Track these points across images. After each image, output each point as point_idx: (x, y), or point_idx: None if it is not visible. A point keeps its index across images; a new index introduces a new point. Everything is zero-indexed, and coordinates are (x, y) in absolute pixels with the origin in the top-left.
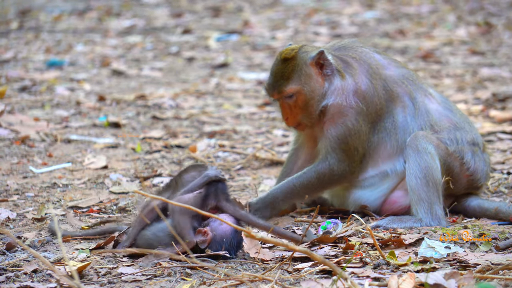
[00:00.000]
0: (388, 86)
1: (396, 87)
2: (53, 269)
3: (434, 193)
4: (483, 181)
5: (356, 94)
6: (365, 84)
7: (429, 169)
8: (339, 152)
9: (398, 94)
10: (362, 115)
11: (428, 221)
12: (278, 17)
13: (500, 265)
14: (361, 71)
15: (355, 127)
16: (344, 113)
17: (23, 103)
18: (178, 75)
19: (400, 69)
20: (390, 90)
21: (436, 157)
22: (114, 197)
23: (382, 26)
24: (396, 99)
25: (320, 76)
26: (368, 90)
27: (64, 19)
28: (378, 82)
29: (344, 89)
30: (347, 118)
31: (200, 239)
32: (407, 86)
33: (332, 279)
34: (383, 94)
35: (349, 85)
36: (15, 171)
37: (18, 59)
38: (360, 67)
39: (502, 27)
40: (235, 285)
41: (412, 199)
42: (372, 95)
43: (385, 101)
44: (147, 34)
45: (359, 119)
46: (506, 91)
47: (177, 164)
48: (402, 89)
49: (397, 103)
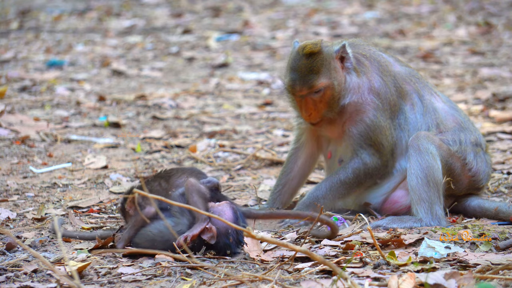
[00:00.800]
0: (398, 83)
1: (405, 84)
2: (53, 269)
3: (435, 193)
4: (484, 182)
5: (371, 91)
6: (378, 81)
7: (430, 169)
8: (367, 148)
9: (407, 92)
10: (379, 111)
11: (428, 221)
12: (278, 17)
13: (500, 265)
14: (373, 69)
15: (374, 123)
16: (362, 110)
17: (23, 103)
18: (178, 75)
19: (405, 67)
20: (399, 87)
21: (437, 157)
22: (114, 197)
23: (382, 26)
24: (405, 96)
25: (343, 70)
26: (381, 87)
27: (64, 19)
28: (388, 79)
29: (360, 87)
30: (364, 115)
31: (208, 236)
32: (415, 83)
33: (332, 279)
34: (394, 91)
35: (364, 82)
36: (15, 171)
37: (18, 59)
38: (371, 65)
39: (502, 27)
40: (235, 285)
41: (413, 199)
42: (385, 91)
43: (397, 97)
44: (147, 34)
45: (377, 115)
46: (506, 91)
47: (177, 164)
48: (410, 87)
49: (406, 100)
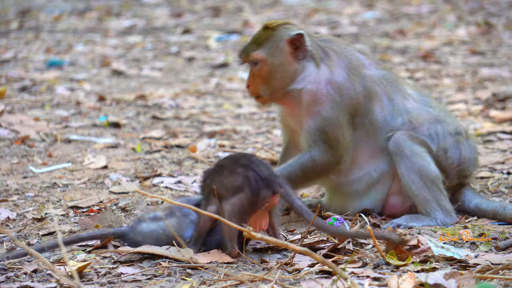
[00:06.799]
0: (366, 84)
1: (375, 86)
2: (53, 269)
3: (436, 190)
4: (471, 169)
5: (329, 84)
6: (341, 76)
7: (422, 169)
8: (321, 144)
9: (376, 93)
10: (337, 105)
11: (442, 217)
12: (278, 17)
13: (500, 265)
14: (339, 64)
15: (330, 117)
16: (318, 101)
17: (23, 103)
18: (178, 75)
19: (381, 70)
20: (368, 88)
21: (424, 154)
22: (114, 197)
23: (382, 26)
24: (374, 98)
25: (292, 56)
26: (344, 82)
27: (64, 19)
28: (356, 78)
29: (317, 77)
30: (321, 107)
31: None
32: (386, 87)
33: (332, 279)
34: (361, 90)
35: (324, 74)
36: (15, 171)
37: (18, 59)
38: (339, 60)
39: (502, 27)
40: (235, 285)
41: (419, 204)
42: (348, 88)
43: (363, 97)
44: (147, 34)
45: (334, 109)
46: (506, 91)
47: (177, 164)
48: (381, 89)
49: (375, 102)
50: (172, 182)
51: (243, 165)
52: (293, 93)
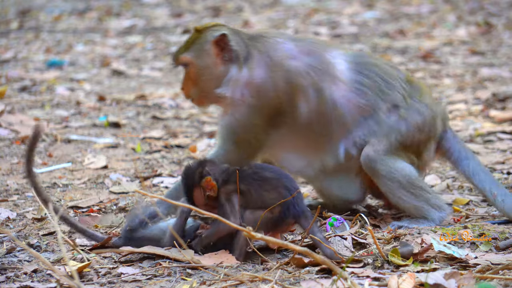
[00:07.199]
0: (290, 78)
1: (300, 78)
2: (53, 269)
3: (422, 192)
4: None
5: (248, 87)
6: (261, 78)
7: (403, 180)
8: (231, 144)
9: (302, 86)
10: (253, 109)
11: (438, 215)
12: (278, 17)
13: (500, 265)
14: (260, 65)
15: (244, 120)
16: (234, 105)
17: (23, 103)
18: (178, 75)
19: (311, 57)
20: (291, 83)
21: (394, 159)
22: (114, 197)
23: (382, 26)
24: (298, 92)
25: (218, 58)
26: (263, 83)
27: (64, 19)
28: (278, 74)
29: (237, 81)
30: (236, 110)
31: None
32: (313, 77)
33: (332, 279)
34: (283, 87)
35: (243, 77)
36: (15, 171)
37: (18, 59)
38: (260, 60)
39: (502, 27)
40: (235, 285)
41: (412, 213)
42: (267, 89)
43: (286, 94)
44: (147, 34)
45: (249, 112)
46: (506, 91)
47: (177, 164)
48: (306, 81)
49: (299, 97)
50: (172, 182)
51: (286, 187)
52: (219, 96)
